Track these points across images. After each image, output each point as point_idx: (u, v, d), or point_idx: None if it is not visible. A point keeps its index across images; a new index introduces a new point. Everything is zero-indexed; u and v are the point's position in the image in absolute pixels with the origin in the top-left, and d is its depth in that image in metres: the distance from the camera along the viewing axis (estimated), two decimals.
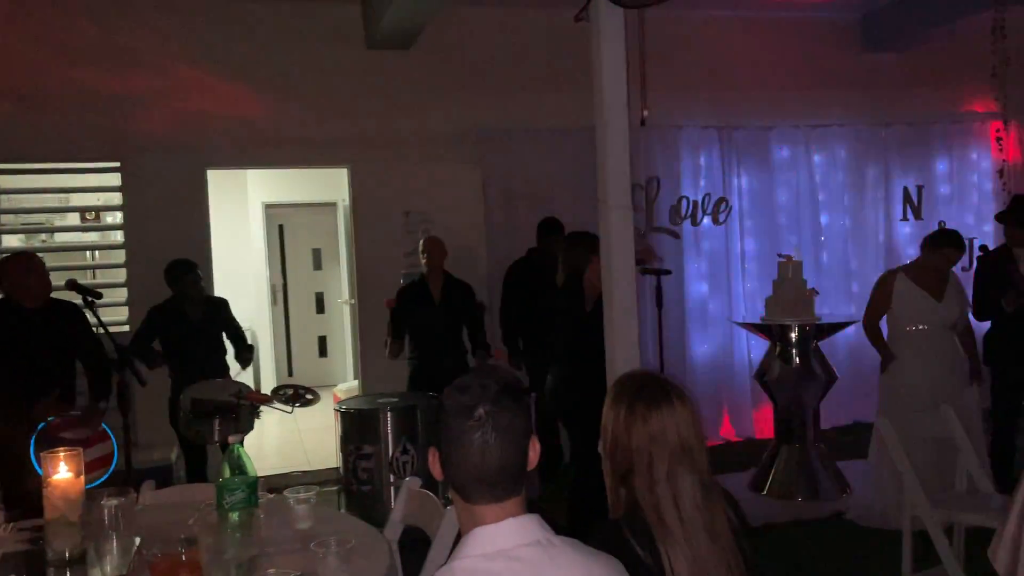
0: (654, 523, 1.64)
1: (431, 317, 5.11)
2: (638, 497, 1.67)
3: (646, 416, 1.69)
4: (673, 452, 1.67)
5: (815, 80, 6.86)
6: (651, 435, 1.68)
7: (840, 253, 6.93)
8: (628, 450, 1.69)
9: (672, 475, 1.66)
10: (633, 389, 1.74)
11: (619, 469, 1.72)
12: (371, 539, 2.22)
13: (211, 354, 4.81)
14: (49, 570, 1.97)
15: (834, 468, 5.07)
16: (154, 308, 4.75)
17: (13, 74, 5.31)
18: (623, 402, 1.72)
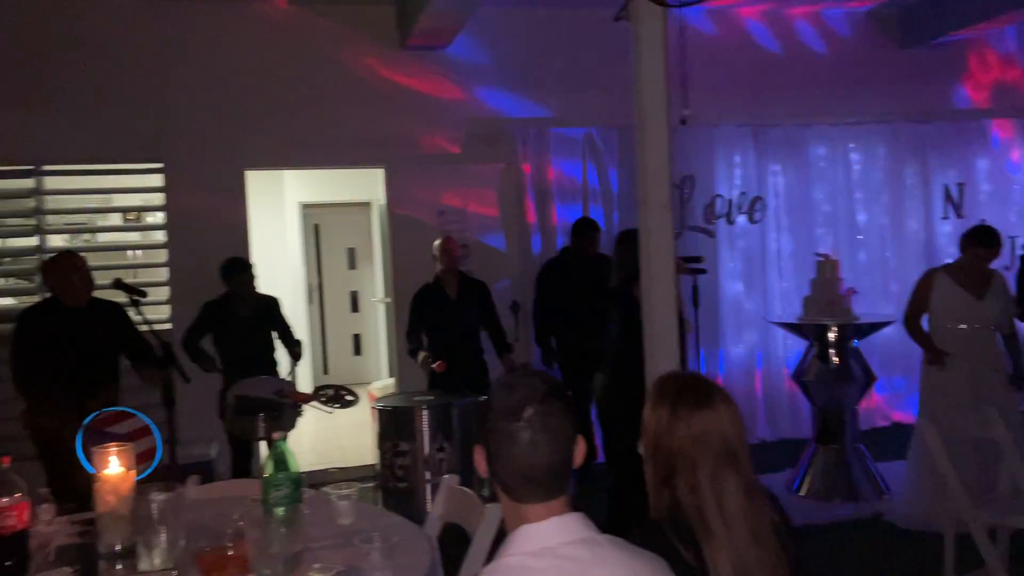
0: (697, 524, 1.63)
1: (448, 317, 5.13)
2: (680, 498, 1.67)
3: (689, 418, 1.68)
4: (717, 454, 1.66)
5: (852, 77, 6.78)
6: (694, 437, 1.66)
7: (878, 252, 6.83)
8: (671, 452, 1.68)
9: (716, 477, 1.65)
10: (675, 390, 1.73)
11: (661, 471, 1.71)
12: (413, 535, 2.25)
13: (261, 351, 4.90)
14: (101, 563, 2.02)
15: (873, 470, 5.01)
16: (207, 303, 4.86)
17: (57, 77, 5.42)
18: (665, 403, 1.71)
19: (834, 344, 5.02)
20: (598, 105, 6.14)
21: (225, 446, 4.98)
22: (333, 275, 9.81)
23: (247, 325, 4.84)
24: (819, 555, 4.02)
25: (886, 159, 6.85)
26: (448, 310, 5.14)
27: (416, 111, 6.03)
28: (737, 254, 6.58)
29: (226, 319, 4.81)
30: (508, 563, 1.33)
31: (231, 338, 4.80)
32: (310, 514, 2.33)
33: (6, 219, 5.93)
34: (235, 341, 4.80)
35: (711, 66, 6.01)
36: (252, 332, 4.87)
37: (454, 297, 5.18)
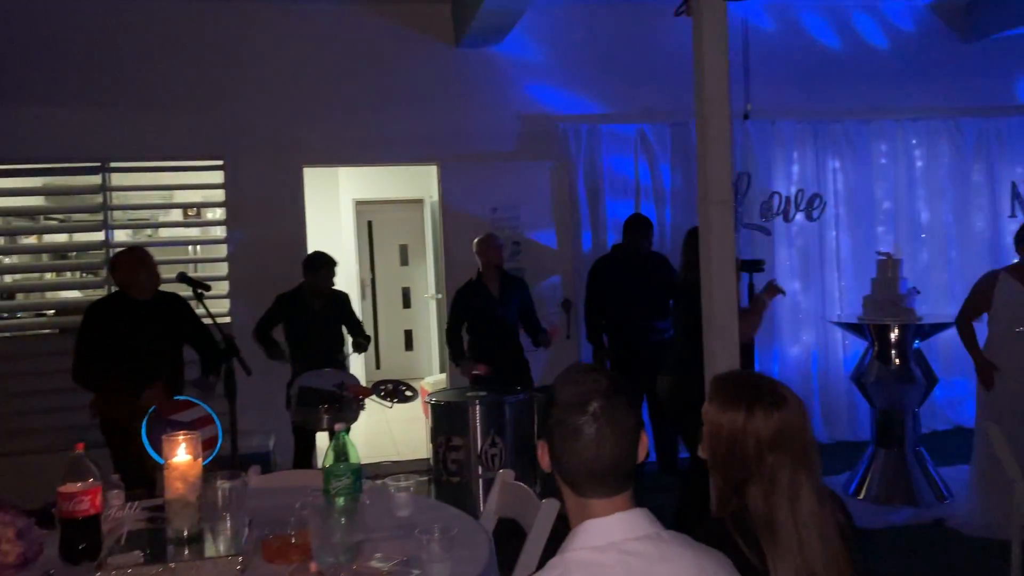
0: (763, 527, 1.59)
1: (492, 313, 5.16)
2: (751, 502, 1.62)
3: (766, 419, 1.63)
4: (795, 455, 1.62)
5: (914, 71, 6.62)
6: (772, 438, 1.62)
7: (942, 251, 6.65)
8: (747, 456, 1.63)
9: (793, 480, 1.61)
10: (749, 391, 1.68)
11: (735, 475, 1.65)
12: (470, 528, 2.26)
13: (330, 344, 5.00)
14: (169, 547, 2.07)
15: (934, 474, 4.89)
16: (280, 296, 4.97)
17: (121, 76, 5.58)
18: (739, 405, 1.66)
19: (895, 345, 4.91)
20: (651, 101, 6.11)
21: (283, 438, 5.08)
22: (385, 271, 9.92)
23: (318, 319, 4.94)
24: (877, 560, 3.94)
25: (950, 155, 6.67)
26: (491, 307, 5.16)
27: (469, 108, 6.06)
28: (794, 252, 6.47)
29: (298, 312, 4.91)
30: (574, 557, 1.33)
31: (302, 331, 4.91)
32: (369, 505, 2.36)
33: (74, 214, 6.14)
34: (306, 334, 4.90)
35: (769, 61, 5.91)
36: (323, 326, 4.97)
37: (497, 294, 5.20)
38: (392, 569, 1.86)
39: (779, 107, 6.26)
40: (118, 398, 3.86)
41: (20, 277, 6.14)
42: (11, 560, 2.05)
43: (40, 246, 6.33)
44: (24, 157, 5.57)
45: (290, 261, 5.67)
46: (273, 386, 4.83)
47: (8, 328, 5.72)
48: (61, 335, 5.57)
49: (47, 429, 5.21)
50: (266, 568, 2.02)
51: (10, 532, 2.07)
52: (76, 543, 2.11)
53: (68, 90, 5.52)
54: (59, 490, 2.12)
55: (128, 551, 2.03)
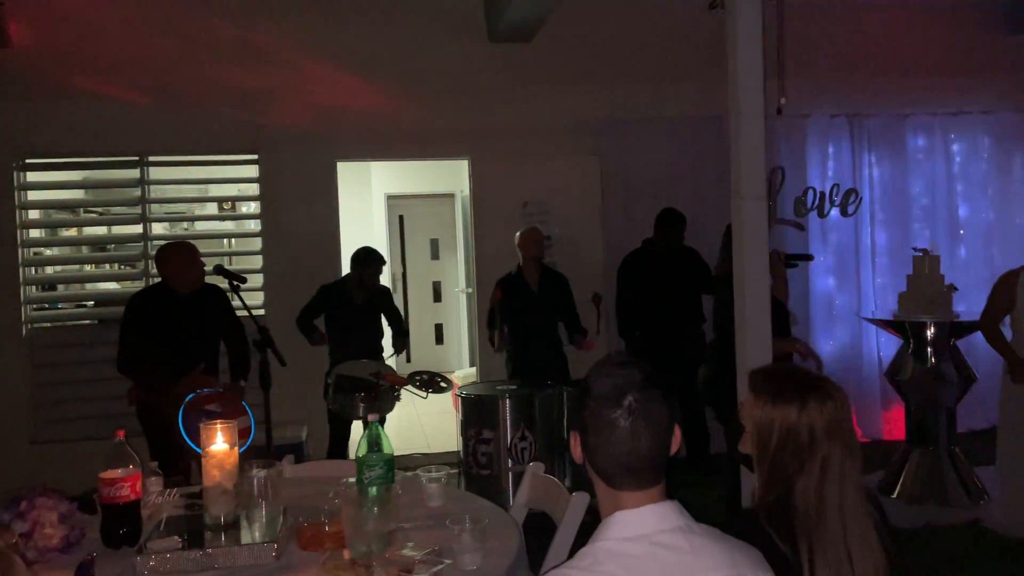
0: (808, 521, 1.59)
1: (530, 308, 5.16)
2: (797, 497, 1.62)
3: (821, 410, 1.63)
4: (846, 444, 1.62)
5: (955, 65, 6.49)
6: (827, 431, 1.62)
7: (981, 248, 6.54)
8: (800, 448, 1.63)
9: (844, 474, 1.61)
10: (799, 384, 1.67)
11: (788, 468, 1.65)
12: (501, 519, 2.28)
13: (370, 336, 5.06)
14: (207, 533, 2.11)
15: (970, 474, 4.81)
16: (323, 286, 5.06)
17: (159, 72, 5.67)
18: (792, 398, 1.65)
19: (931, 343, 4.84)
20: (684, 96, 6.07)
21: (316, 429, 5.15)
22: (416, 265, 9.97)
23: (359, 311, 5.01)
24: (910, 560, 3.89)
25: (991, 151, 6.55)
26: (530, 302, 5.17)
27: (501, 103, 6.07)
28: (829, 248, 6.40)
29: (340, 304, 4.98)
30: (604, 547, 1.34)
31: (343, 323, 4.98)
32: (401, 495, 2.39)
33: (113, 207, 6.25)
34: (346, 326, 4.97)
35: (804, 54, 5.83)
36: (364, 319, 5.04)
37: (536, 289, 5.20)
38: (424, 558, 1.88)
39: (814, 101, 6.19)
40: (157, 387, 3.93)
41: (60, 269, 6.27)
42: (54, 543, 2.11)
43: (80, 238, 6.47)
44: (65, 151, 5.69)
45: (323, 254, 5.74)
46: (306, 377, 4.90)
47: (48, 319, 5.86)
48: (100, 326, 5.69)
49: (86, 418, 5.33)
50: (300, 555, 2.06)
51: (53, 516, 2.13)
52: (117, 528, 2.16)
53: (107, 85, 5.62)
54: (100, 476, 2.18)
55: (167, 536, 2.07)
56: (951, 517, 4.53)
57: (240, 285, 3.72)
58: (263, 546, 2.02)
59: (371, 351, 4.97)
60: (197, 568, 1.97)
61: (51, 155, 5.70)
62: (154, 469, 2.54)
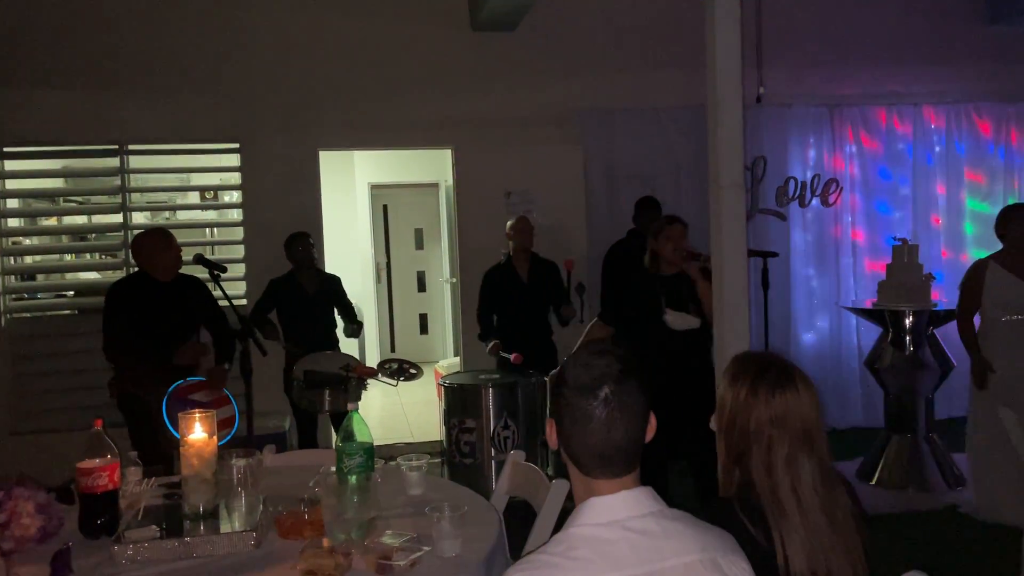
0: (769, 505, 1.62)
1: (519, 298, 5.15)
2: (754, 478, 1.65)
3: (769, 398, 1.66)
4: (794, 436, 1.64)
5: (935, 55, 6.54)
6: (773, 417, 1.65)
7: (959, 238, 6.60)
8: (746, 431, 1.67)
9: (792, 459, 1.63)
10: (756, 369, 1.71)
11: (735, 449, 1.70)
12: (481, 507, 2.29)
13: (323, 327, 5.04)
14: (185, 523, 2.11)
15: (948, 460, 4.88)
16: (272, 280, 5.05)
17: (139, 60, 5.61)
18: (744, 382, 1.69)
19: (910, 331, 4.90)
20: (667, 86, 6.08)
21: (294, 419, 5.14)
22: (400, 255, 9.96)
23: (311, 302, 4.99)
24: (889, 545, 3.95)
25: (969, 141, 6.60)
26: (520, 292, 5.16)
27: (485, 92, 6.06)
28: (810, 238, 6.45)
29: (290, 296, 4.96)
30: (578, 533, 1.35)
31: (295, 315, 4.96)
32: (381, 484, 2.39)
33: (93, 196, 6.20)
34: (299, 317, 4.95)
35: (786, 43, 5.87)
36: (315, 309, 5.02)
37: (526, 279, 5.20)
38: (403, 545, 1.89)
39: (795, 90, 6.21)
40: (139, 376, 3.91)
41: (40, 258, 6.22)
42: (31, 533, 2.10)
43: (59, 228, 6.41)
44: (43, 140, 5.63)
45: None
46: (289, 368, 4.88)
47: (28, 309, 5.80)
48: (80, 316, 5.65)
49: (66, 409, 5.30)
50: (280, 543, 2.06)
51: (30, 506, 2.12)
52: (95, 517, 2.15)
53: (87, 73, 5.56)
54: (78, 466, 2.17)
55: (145, 526, 2.06)
56: (929, 502, 4.60)
57: (220, 274, 3.70)
58: (242, 534, 2.02)
59: (326, 342, 4.95)
60: (175, 557, 1.97)
61: (30, 143, 5.64)
62: (133, 459, 2.53)
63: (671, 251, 3.74)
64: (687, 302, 3.71)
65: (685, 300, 3.72)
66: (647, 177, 6.18)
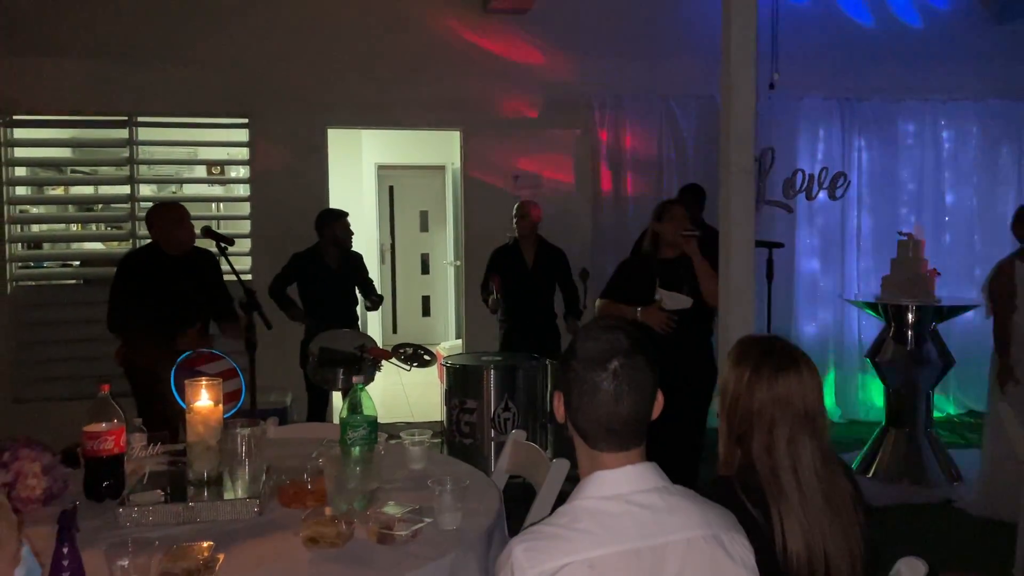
0: (769, 485, 1.64)
1: (524, 281, 5.16)
2: (755, 459, 1.67)
3: (772, 379, 1.67)
4: (796, 417, 1.65)
5: (947, 53, 6.51)
6: (775, 398, 1.66)
7: (965, 234, 6.61)
8: (749, 411, 1.68)
9: (793, 441, 1.65)
10: (759, 351, 1.72)
11: (736, 429, 1.72)
12: (482, 483, 2.31)
13: (344, 302, 5.05)
14: (189, 488, 2.13)
15: (945, 455, 4.90)
16: (296, 254, 5.02)
17: (151, 31, 5.61)
18: (748, 363, 1.71)
19: (912, 326, 4.90)
20: (678, 74, 6.06)
21: (300, 394, 5.16)
22: (405, 237, 9.96)
23: (333, 277, 4.98)
24: (883, 536, 3.97)
25: (978, 138, 6.59)
26: (523, 275, 5.17)
27: (495, 75, 6.05)
28: (815, 230, 6.45)
29: (313, 270, 4.96)
30: (582, 505, 1.37)
31: (316, 289, 4.95)
32: (384, 456, 2.41)
33: (100, 167, 6.20)
34: (320, 292, 4.94)
35: (798, 36, 5.84)
36: (337, 284, 5.01)
37: (531, 263, 5.21)
38: (404, 516, 1.91)
39: (806, 83, 6.20)
40: (147, 348, 3.93)
41: (46, 227, 6.23)
42: (37, 494, 2.12)
43: (66, 197, 6.41)
44: (53, 109, 5.63)
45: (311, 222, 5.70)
46: (291, 343, 4.90)
47: (34, 277, 5.83)
48: (85, 285, 5.67)
49: (70, 377, 5.32)
50: (282, 511, 2.08)
51: (36, 467, 2.14)
52: (100, 481, 2.17)
53: (97, 43, 5.55)
54: (84, 429, 2.19)
55: (149, 490, 2.09)
56: (925, 496, 4.62)
57: (227, 248, 3.71)
58: (245, 501, 2.04)
59: (347, 318, 4.96)
60: (179, 521, 1.99)
61: (39, 112, 5.64)
62: (138, 426, 2.55)
63: (673, 232, 3.74)
64: (682, 283, 3.73)
65: (680, 281, 3.74)
66: (653, 165, 6.18)
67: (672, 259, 3.82)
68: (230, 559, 1.73)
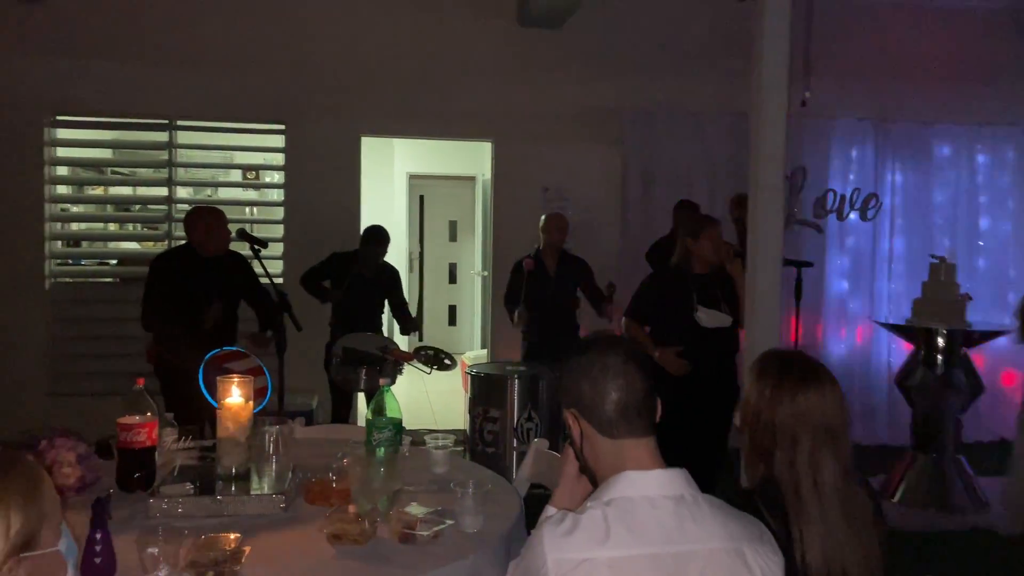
0: (790, 499, 1.64)
1: (545, 292, 5.17)
2: (776, 473, 1.67)
3: (794, 393, 1.67)
4: (818, 432, 1.65)
5: (984, 76, 6.45)
6: (798, 413, 1.66)
7: (999, 260, 6.52)
8: (771, 427, 1.69)
9: (815, 456, 1.65)
10: (782, 365, 1.73)
11: (759, 443, 1.72)
12: (503, 487, 2.33)
13: (370, 311, 5.10)
14: (218, 483, 2.18)
15: (972, 482, 4.83)
16: (336, 253, 5.09)
17: (192, 36, 5.73)
18: (770, 377, 1.72)
19: (942, 350, 4.84)
20: (709, 90, 6.06)
21: (326, 397, 5.22)
22: (434, 246, 10.03)
23: (365, 285, 5.04)
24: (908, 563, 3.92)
25: (1015, 163, 6.51)
26: (545, 285, 5.19)
27: (527, 88, 6.09)
28: (846, 251, 6.41)
29: (348, 273, 5.01)
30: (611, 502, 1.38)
31: (348, 292, 5.01)
32: (408, 459, 2.45)
33: (139, 169, 6.34)
34: (351, 297, 4.99)
35: (833, 56, 5.83)
36: (368, 292, 5.06)
37: (552, 273, 5.23)
38: (426, 517, 1.94)
39: (840, 103, 6.17)
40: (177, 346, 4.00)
41: (85, 226, 6.37)
42: (71, 483, 2.18)
43: (105, 197, 6.56)
44: (95, 110, 5.76)
45: (343, 228, 5.80)
46: (318, 347, 4.96)
47: (71, 274, 5.96)
48: (121, 284, 5.79)
49: (103, 373, 5.43)
50: (307, 508, 2.12)
51: (72, 456, 2.20)
52: (132, 472, 2.23)
53: (140, 48, 5.69)
54: (119, 421, 2.24)
55: (180, 483, 2.13)
56: (951, 523, 4.56)
57: (261, 250, 3.78)
58: (272, 497, 2.09)
59: (372, 324, 5.01)
60: (207, 514, 2.03)
61: (82, 113, 5.78)
62: (170, 420, 2.61)
63: (712, 250, 3.71)
64: (719, 300, 3.70)
65: (717, 298, 3.71)
66: (682, 181, 6.18)
67: (704, 275, 3.80)
68: (256, 551, 1.76)
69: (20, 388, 5.52)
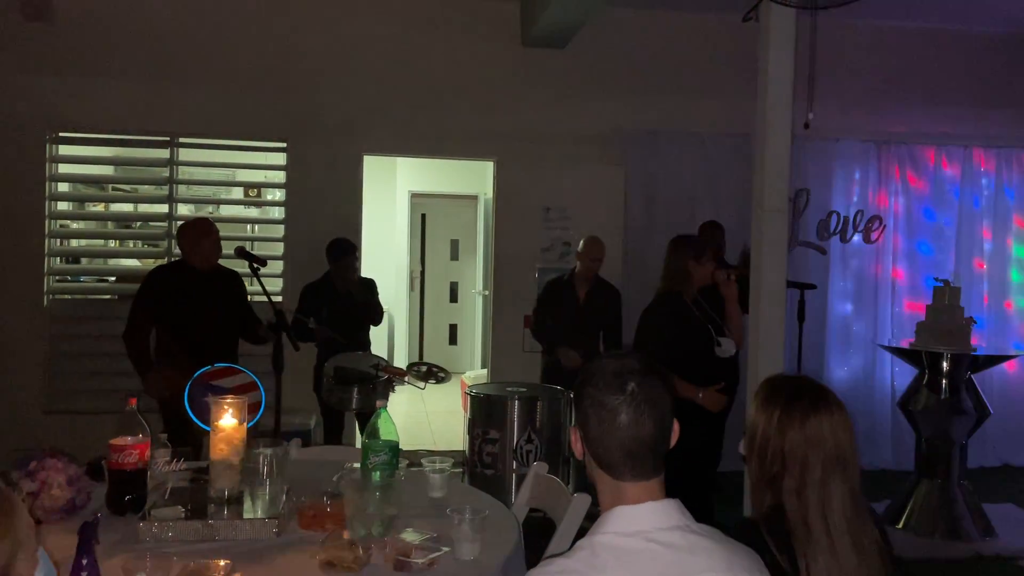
0: (798, 528, 1.59)
1: (571, 317, 5.09)
2: (784, 501, 1.63)
3: (804, 419, 1.64)
4: (828, 459, 1.62)
5: (987, 98, 6.45)
6: (807, 439, 1.62)
7: (1003, 284, 6.48)
8: (779, 454, 1.65)
9: (824, 483, 1.61)
10: (789, 392, 1.69)
11: (767, 471, 1.67)
12: (501, 513, 2.29)
13: (357, 325, 5.06)
14: (210, 505, 2.13)
15: (979, 509, 4.76)
16: (307, 286, 5.03)
17: (194, 54, 5.74)
18: (777, 404, 1.67)
19: (947, 374, 4.80)
20: (712, 112, 6.06)
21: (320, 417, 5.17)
22: (435, 264, 10.02)
23: (345, 301, 5.00)
24: None
25: (1019, 185, 6.49)
26: (574, 311, 5.11)
27: (530, 107, 6.09)
28: (849, 274, 6.37)
29: (326, 298, 4.97)
30: (602, 541, 1.34)
31: (329, 317, 4.95)
32: (404, 483, 2.40)
33: (140, 186, 6.32)
34: (333, 319, 4.94)
35: (837, 76, 5.83)
36: (349, 308, 5.02)
37: (582, 300, 5.16)
38: (423, 544, 1.89)
39: (843, 125, 6.16)
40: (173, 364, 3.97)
41: (85, 243, 6.35)
42: (60, 504, 2.14)
43: (106, 214, 6.54)
44: (97, 127, 5.76)
45: None
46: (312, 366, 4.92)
47: (70, 291, 5.93)
48: (120, 301, 5.75)
49: (98, 391, 5.38)
50: (300, 533, 2.07)
51: (61, 478, 2.16)
52: (122, 494, 2.19)
53: (143, 65, 5.69)
54: (110, 442, 2.21)
55: (171, 506, 2.09)
56: (957, 551, 4.49)
57: (260, 268, 3.75)
58: (265, 521, 2.04)
59: (358, 341, 4.96)
60: (198, 538, 1.99)
61: (84, 130, 5.78)
62: (164, 441, 2.57)
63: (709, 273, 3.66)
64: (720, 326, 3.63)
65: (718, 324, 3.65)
66: (685, 203, 6.15)
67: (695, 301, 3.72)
68: None
69: (17, 405, 5.48)
